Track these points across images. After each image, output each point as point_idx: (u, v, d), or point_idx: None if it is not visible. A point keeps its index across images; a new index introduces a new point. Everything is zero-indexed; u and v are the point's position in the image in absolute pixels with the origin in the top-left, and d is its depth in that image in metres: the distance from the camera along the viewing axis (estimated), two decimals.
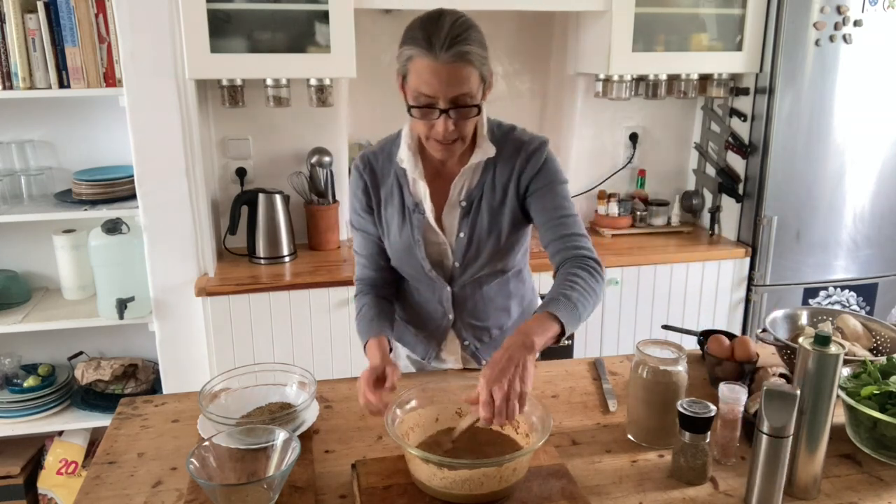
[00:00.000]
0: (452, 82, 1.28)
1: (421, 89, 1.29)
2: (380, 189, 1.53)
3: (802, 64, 2.56)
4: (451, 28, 1.27)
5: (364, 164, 1.54)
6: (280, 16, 2.34)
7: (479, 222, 1.48)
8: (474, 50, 1.29)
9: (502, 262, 1.54)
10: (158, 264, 2.43)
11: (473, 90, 1.32)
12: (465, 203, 1.49)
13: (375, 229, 1.56)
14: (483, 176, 1.48)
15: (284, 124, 2.67)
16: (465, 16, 1.32)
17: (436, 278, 1.53)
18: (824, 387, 1.13)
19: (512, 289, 1.62)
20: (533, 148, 1.48)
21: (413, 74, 1.30)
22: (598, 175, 3.04)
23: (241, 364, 1.46)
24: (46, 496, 2.56)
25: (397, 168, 1.50)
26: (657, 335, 2.48)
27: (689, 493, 1.19)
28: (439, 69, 1.27)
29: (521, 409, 1.14)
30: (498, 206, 1.48)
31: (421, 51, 1.27)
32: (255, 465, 1.16)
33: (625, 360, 1.69)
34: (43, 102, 2.52)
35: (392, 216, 1.52)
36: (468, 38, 1.28)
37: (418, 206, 1.49)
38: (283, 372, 1.43)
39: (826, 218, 2.73)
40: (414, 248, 1.50)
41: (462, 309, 1.59)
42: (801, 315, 1.64)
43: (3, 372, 2.57)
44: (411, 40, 1.29)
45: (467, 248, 1.50)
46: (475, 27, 1.32)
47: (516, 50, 2.91)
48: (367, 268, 1.60)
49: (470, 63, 1.29)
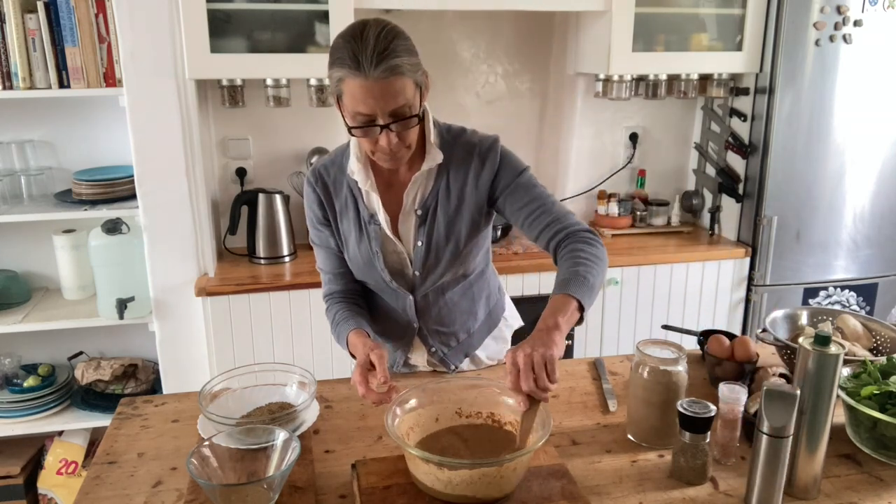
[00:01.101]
0: (387, 97, 1.25)
1: (357, 109, 1.27)
2: (334, 202, 1.51)
3: (802, 64, 2.56)
4: (376, 42, 1.23)
5: (316, 178, 1.51)
6: (280, 16, 2.34)
7: (436, 230, 1.47)
8: (403, 61, 1.25)
9: (463, 267, 1.53)
10: (158, 264, 2.43)
11: (410, 100, 1.28)
12: (420, 211, 1.47)
13: (335, 242, 1.54)
14: (437, 182, 1.46)
15: (284, 124, 2.67)
16: (388, 24, 1.28)
17: (397, 288, 1.53)
18: (824, 387, 1.13)
19: (476, 292, 1.61)
20: (485, 148, 1.46)
21: (347, 95, 1.27)
22: (598, 175, 3.04)
23: (241, 364, 1.46)
24: (46, 496, 2.56)
25: (350, 180, 1.48)
26: (657, 335, 2.48)
27: (689, 493, 1.19)
28: (372, 87, 1.24)
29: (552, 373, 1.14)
30: (454, 213, 1.47)
31: (350, 71, 1.24)
32: (255, 465, 1.16)
33: (625, 360, 1.69)
34: (43, 102, 2.52)
35: (349, 229, 1.50)
36: (395, 50, 1.24)
37: (373, 217, 1.48)
38: (283, 372, 1.43)
39: (826, 218, 2.73)
40: (373, 259, 1.49)
41: (426, 316, 1.58)
42: (801, 315, 1.64)
43: (3, 372, 2.57)
44: (338, 61, 1.26)
45: (426, 256, 1.48)
46: (400, 34, 1.28)
47: (516, 50, 2.91)
48: (333, 282, 1.59)
49: (401, 74, 1.25)
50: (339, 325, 1.49)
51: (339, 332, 1.48)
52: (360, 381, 1.29)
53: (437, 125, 1.48)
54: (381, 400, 1.27)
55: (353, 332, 1.43)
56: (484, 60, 2.88)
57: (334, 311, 1.53)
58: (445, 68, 2.83)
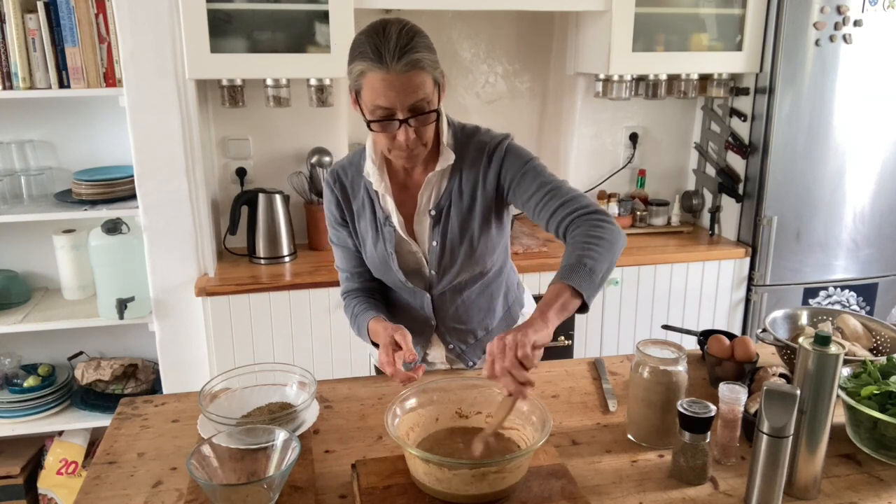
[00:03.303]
0: (408, 91, 1.28)
1: (377, 102, 1.29)
2: (351, 203, 1.54)
3: (802, 64, 2.56)
4: (398, 38, 1.26)
5: (334, 180, 1.54)
6: (280, 16, 2.34)
7: (450, 230, 1.48)
8: (425, 56, 1.29)
9: (479, 266, 1.54)
10: (158, 264, 2.43)
11: (429, 95, 1.32)
12: (433, 212, 1.48)
13: (353, 242, 1.57)
14: (450, 183, 1.48)
15: (284, 124, 2.67)
16: (409, 23, 1.31)
17: (413, 288, 1.54)
18: (824, 387, 1.13)
19: (494, 289, 1.62)
20: (493, 146, 1.47)
21: (367, 89, 1.30)
22: (598, 175, 3.04)
23: (241, 364, 1.46)
24: (46, 496, 2.56)
25: (367, 181, 1.50)
26: (657, 335, 2.48)
27: (689, 493, 1.19)
28: (393, 80, 1.27)
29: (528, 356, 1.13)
30: (467, 212, 1.48)
31: (372, 64, 1.27)
32: (255, 465, 1.16)
33: (625, 360, 1.69)
34: (43, 102, 2.52)
35: (366, 229, 1.53)
36: (417, 46, 1.28)
37: (388, 218, 1.49)
38: (283, 372, 1.43)
39: (826, 218, 2.73)
40: (388, 260, 1.51)
41: (444, 314, 1.59)
42: (801, 315, 1.64)
43: (3, 372, 2.57)
44: (360, 55, 1.29)
45: (441, 255, 1.50)
46: (421, 33, 1.32)
47: (516, 50, 2.91)
48: (351, 280, 1.61)
49: (423, 69, 1.29)
50: (357, 317, 1.51)
51: (359, 323, 1.50)
52: (388, 360, 1.30)
53: (452, 125, 1.50)
54: (409, 378, 1.28)
55: (372, 320, 1.45)
56: (484, 60, 2.88)
57: (353, 306, 1.55)
58: (445, 68, 2.77)
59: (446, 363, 1.67)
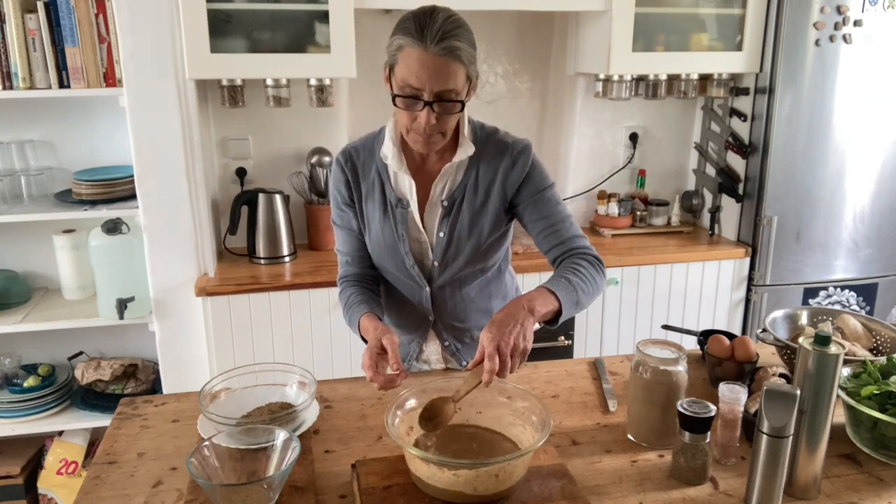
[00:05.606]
0: (440, 76, 1.29)
1: (408, 80, 1.30)
2: (360, 184, 1.53)
3: (802, 64, 2.56)
4: (443, 23, 1.28)
5: (346, 159, 1.54)
6: (280, 16, 2.34)
7: (460, 222, 1.49)
8: (464, 47, 1.30)
9: (482, 263, 1.55)
10: (158, 264, 2.43)
11: (459, 87, 1.32)
12: (446, 202, 1.49)
13: (357, 224, 1.56)
14: (466, 176, 1.49)
15: (284, 124, 2.67)
16: (457, 14, 1.33)
17: (416, 275, 1.54)
18: (824, 387, 1.13)
19: (492, 290, 1.63)
20: (518, 151, 1.48)
21: (402, 64, 1.31)
22: (598, 175, 3.04)
23: (241, 364, 1.46)
24: (46, 496, 2.56)
25: (379, 163, 1.50)
26: (657, 335, 2.48)
27: (689, 493, 1.19)
28: (428, 61, 1.28)
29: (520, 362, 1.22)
30: (479, 208, 1.49)
31: (412, 41, 1.28)
32: (255, 465, 1.16)
33: (625, 360, 1.69)
34: (43, 102, 2.52)
35: (373, 212, 1.52)
36: (459, 35, 1.29)
37: (401, 201, 1.50)
38: (283, 372, 1.43)
39: (826, 218, 2.73)
40: (398, 243, 1.51)
41: (442, 310, 1.59)
42: (801, 315, 1.64)
43: (3, 372, 2.57)
44: (403, 31, 1.30)
45: (447, 247, 1.51)
46: (466, 26, 1.33)
47: (516, 50, 2.91)
48: (350, 265, 1.61)
49: (458, 59, 1.29)
50: (351, 307, 1.50)
51: (352, 315, 1.50)
52: (370, 364, 1.29)
53: (472, 122, 1.50)
54: (389, 383, 1.28)
55: (365, 315, 1.44)
56: (484, 60, 2.88)
57: (348, 294, 1.54)
58: None
59: (441, 360, 1.67)
